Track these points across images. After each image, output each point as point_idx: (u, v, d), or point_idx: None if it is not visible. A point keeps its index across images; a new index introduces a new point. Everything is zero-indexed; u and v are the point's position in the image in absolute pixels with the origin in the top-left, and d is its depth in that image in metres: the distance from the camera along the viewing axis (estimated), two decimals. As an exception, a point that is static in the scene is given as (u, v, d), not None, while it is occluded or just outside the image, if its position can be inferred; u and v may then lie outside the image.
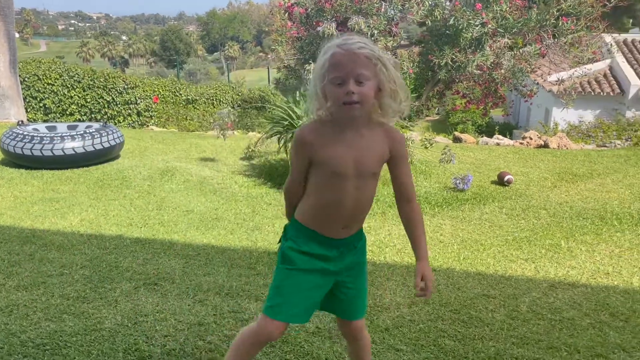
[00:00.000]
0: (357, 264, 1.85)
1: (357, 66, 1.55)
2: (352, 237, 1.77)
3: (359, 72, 1.55)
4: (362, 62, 1.56)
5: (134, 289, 3.16)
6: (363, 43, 1.59)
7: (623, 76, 14.83)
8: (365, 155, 1.65)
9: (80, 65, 13.86)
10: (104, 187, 5.45)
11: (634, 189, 5.30)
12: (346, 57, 1.56)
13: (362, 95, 1.56)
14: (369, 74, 1.56)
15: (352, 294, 1.86)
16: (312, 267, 1.75)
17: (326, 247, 1.74)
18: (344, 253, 1.77)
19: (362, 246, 1.85)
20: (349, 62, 1.55)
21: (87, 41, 78.52)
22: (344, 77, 1.55)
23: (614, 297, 3.07)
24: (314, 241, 1.74)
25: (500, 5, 8.59)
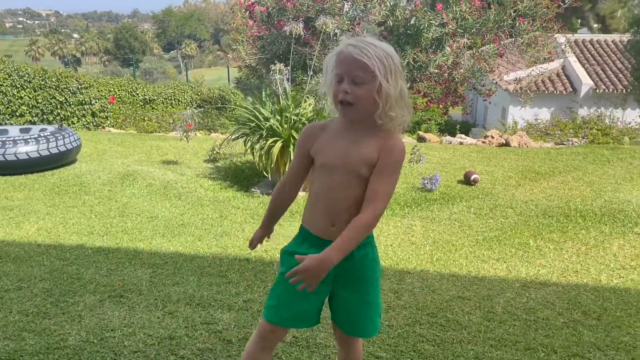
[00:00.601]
0: (357, 279, 1.75)
1: (354, 67, 1.56)
2: None
3: (355, 73, 1.57)
4: (361, 64, 1.55)
5: (99, 302, 3.01)
6: (367, 45, 1.57)
7: (575, 75, 15.36)
8: (353, 152, 1.64)
9: (31, 65, 13.27)
10: (62, 194, 5.20)
11: (594, 186, 5.45)
12: (349, 56, 1.57)
13: (355, 97, 1.57)
14: (366, 77, 1.56)
15: (349, 309, 1.79)
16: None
17: (319, 249, 1.65)
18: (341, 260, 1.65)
19: (363, 258, 1.74)
20: (350, 61, 1.57)
21: (36, 39, 75.57)
22: (342, 75, 1.58)
23: (584, 295, 3.13)
24: (307, 241, 1.75)
25: (460, 6, 8.72)
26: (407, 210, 4.81)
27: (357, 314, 1.79)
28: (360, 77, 1.56)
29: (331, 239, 1.66)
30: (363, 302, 1.78)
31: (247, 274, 3.42)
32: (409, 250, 3.84)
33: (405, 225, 4.40)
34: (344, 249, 1.58)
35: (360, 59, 1.55)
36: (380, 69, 1.55)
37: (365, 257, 1.74)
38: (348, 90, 1.57)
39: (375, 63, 1.55)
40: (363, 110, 1.60)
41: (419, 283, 3.30)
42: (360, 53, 1.55)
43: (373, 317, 1.81)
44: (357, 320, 1.81)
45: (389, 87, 1.57)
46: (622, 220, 4.39)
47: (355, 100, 1.58)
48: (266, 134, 5.12)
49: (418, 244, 3.97)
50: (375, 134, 1.65)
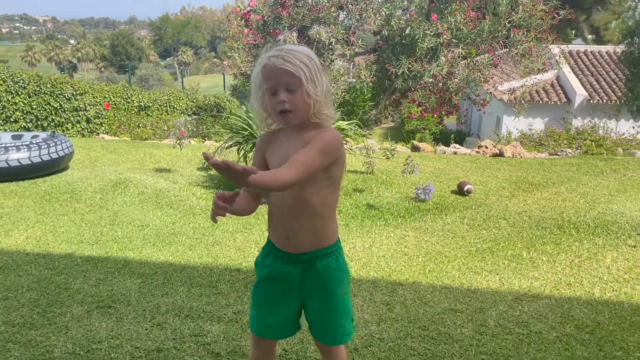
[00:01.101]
0: (323, 288, 1.76)
1: (284, 76, 1.61)
2: (311, 254, 1.72)
3: (287, 81, 1.61)
4: (288, 72, 1.60)
5: (86, 312, 2.96)
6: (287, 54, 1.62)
7: (569, 86, 15.43)
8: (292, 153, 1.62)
9: (26, 70, 13.23)
10: (52, 201, 5.15)
11: (587, 198, 5.45)
12: (274, 68, 1.61)
13: (293, 104, 1.62)
14: (297, 81, 1.61)
15: (320, 318, 1.82)
16: (272, 285, 1.79)
17: (284, 262, 1.75)
18: (305, 271, 1.74)
19: (326, 268, 1.74)
20: (277, 72, 1.61)
21: (32, 45, 75.40)
22: (275, 87, 1.62)
23: (577, 308, 3.10)
24: (272, 254, 1.78)
25: (455, 16, 8.75)
26: (400, 220, 4.79)
27: (327, 322, 1.81)
28: (293, 84, 1.61)
29: (291, 251, 1.73)
30: (331, 310, 1.80)
31: (237, 284, 3.38)
32: (401, 262, 3.81)
33: (398, 235, 4.37)
34: (262, 178, 1.46)
35: (286, 68, 1.60)
36: (305, 73, 1.61)
37: (328, 266, 1.75)
38: (285, 99, 1.62)
39: (300, 68, 1.60)
40: (301, 115, 1.65)
41: (411, 295, 3.27)
42: (284, 62, 1.60)
43: (343, 322, 1.82)
44: (327, 328, 1.82)
45: (316, 89, 1.62)
46: (616, 232, 4.38)
47: (293, 107, 1.63)
48: (259, 142, 5.09)
49: (411, 255, 3.95)
50: (313, 129, 1.68)
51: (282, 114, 1.64)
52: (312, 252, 1.72)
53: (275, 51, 1.64)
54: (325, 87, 1.66)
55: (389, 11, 8.89)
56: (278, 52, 1.63)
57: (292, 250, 1.73)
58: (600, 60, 16.97)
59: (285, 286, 1.76)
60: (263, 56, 1.66)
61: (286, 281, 1.76)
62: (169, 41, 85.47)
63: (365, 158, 6.33)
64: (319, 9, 8.98)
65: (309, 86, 1.61)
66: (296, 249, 1.72)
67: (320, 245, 1.73)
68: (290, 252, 1.73)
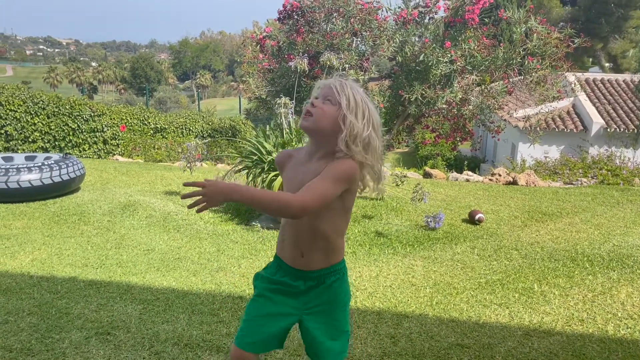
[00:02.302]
0: (328, 305, 1.81)
1: (327, 90, 1.72)
2: (321, 272, 1.78)
3: (326, 92, 1.72)
4: (332, 90, 1.71)
5: (85, 339, 2.92)
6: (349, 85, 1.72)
7: (585, 113, 15.29)
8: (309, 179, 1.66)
9: (46, 92, 13.49)
10: (60, 223, 5.16)
11: (602, 229, 5.31)
12: (327, 83, 1.74)
13: (317, 109, 1.69)
14: (334, 100, 1.69)
15: (318, 335, 1.81)
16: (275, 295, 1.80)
17: (293, 278, 1.79)
18: (312, 288, 1.79)
19: (333, 284, 1.81)
20: (325, 86, 1.73)
21: (55, 67, 77.32)
22: (317, 96, 1.73)
23: (590, 346, 2.98)
24: (281, 270, 1.82)
25: (469, 43, 8.75)
26: (408, 249, 4.70)
27: (325, 340, 1.80)
28: (329, 99, 1.70)
29: (302, 268, 1.78)
30: (332, 327, 1.81)
31: (239, 312, 3.32)
32: (408, 292, 3.72)
33: (406, 265, 4.29)
34: (248, 196, 1.54)
35: (333, 87, 1.71)
36: (346, 102, 1.68)
37: (335, 283, 1.81)
38: (315, 103, 1.71)
39: (344, 96, 1.68)
40: (319, 123, 1.69)
41: (417, 328, 3.17)
42: (336, 84, 1.71)
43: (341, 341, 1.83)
44: (325, 348, 1.80)
45: (355, 121, 1.67)
46: (631, 267, 4.24)
47: (317, 112, 1.70)
48: (267, 167, 5.08)
49: (418, 286, 3.85)
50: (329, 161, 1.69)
51: (304, 115, 1.72)
52: (322, 269, 1.79)
53: (341, 77, 1.76)
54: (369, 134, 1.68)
55: (403, 38, 8.94)
56: (342, 79, 1.75)
57: (304, 268, 1.78)
58: (617, 89, 16.82)
59: (287, 301, 1.80)
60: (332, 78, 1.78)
61: (291, 294, 1.80)
62: (188, 64, 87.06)
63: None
64: (333, 36, 9.06)
65: (349, 114, 1.66)
66: (307, 267, 1.78)
67: (329, 264, 1.80)
68: (300, 269, 1.78)
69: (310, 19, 9.57)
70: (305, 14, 9.58)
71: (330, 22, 9.40)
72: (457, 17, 8.93)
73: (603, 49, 29.99)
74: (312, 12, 9.45)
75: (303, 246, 1.76)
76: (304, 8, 9.54)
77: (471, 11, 8.54)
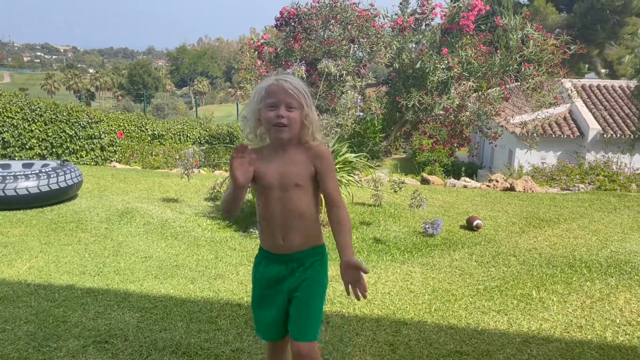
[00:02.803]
0: (308, 283, 1.99)
1: (287, 96, 1.90)
2: (301, 253, 1.99)
3: (288, 101, 1.90)
4: (291, 94, 1.90)
5: (82, 347, 2.91)
6: (293, 80, 1.93)
7: (582, 120, 15.35)
8: (288, 168, 1.94)
9: (43, 99, 13.48)
10: (58, 231, 5.15)
11: (600, 235, 5.32)
12: (280, 88, 1.91)
13: (290, 119, 1.90)
14: (296, 103, 1.91)
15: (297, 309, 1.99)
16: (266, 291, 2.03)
17: (277, 263, 2.00)
18: (294, 270, 1.99)
19: (313, 264, 2.01)
20: (282, 92, 1.90)
21: (52, 73, 77.33)
22: (277, 103, 1.90)
23: (588, 353, 2.98)
24: (265, 260, 2.03)
25: (466, 50, 8.79)
26: (407, 255, 4.70)
27: (300, 314, 1.99)
28: (292, 104, 1.90)
29: (284, 252, 1.98)
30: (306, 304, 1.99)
31: (238, 320, 3.31)
32: (406, 299, 3.72)
33: (405, 271, 4.28)
34: (351, 244, 1.93)
35: (291, 91, 1.90)
36: (306, 99, 1.93)
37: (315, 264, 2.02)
38: (283, 114, 1.89)
39: (303, 95, 1.92)
40: (294, 131, 1.93)
41: (416, 335, 3.17)
42: (290, 86, 1.90)
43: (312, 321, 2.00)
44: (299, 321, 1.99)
45: (312, 113, 1.94)
46: (629, 272, 4.25)
47: (289, 122, 1.90)
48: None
49: (417, 293, 3.85)
50: (301, 150, 1.97)
51: (277, 127, 1.90)
52: (302, 251, 1.99)
53: (282, 75, 1.94)
54: (316, 115, 1.99)
55: (400, 44, 8.97)
56: (285, 77, 1.93)
57: (285, 252, 1.98)
58: (613, 95, 16.90)
59: (277, 288, 2.01)
60: (269, 78, 1.97)
61: (278, 282, 2.00)
62: (185, 71, 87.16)
63: (373, 191, 6.28)
64: (330, 42, 9.09)
65: (309, 110, 1.93)
66: (289, 249, 1.98)
67: (309, 245, 2.01)
68: (282, 254, 1.99)
69: (307, 26, 9.60)
70: (303, 20, 9.62)
71: (327, 29, 9.44)
72: (454, 24, 8.98)
73: (599, 55, 30.14)
74: (309, 19, 9.48)
75: (284, 231, 1.96)
76: (301, 15, 9.57)
77: (466, 17, 8.58)
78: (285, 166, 1.94)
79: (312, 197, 1.98)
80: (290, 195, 1.93)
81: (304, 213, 1.96)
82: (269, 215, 1.97)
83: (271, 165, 1.95)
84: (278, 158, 1.95)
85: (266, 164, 1.95)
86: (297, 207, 1.94)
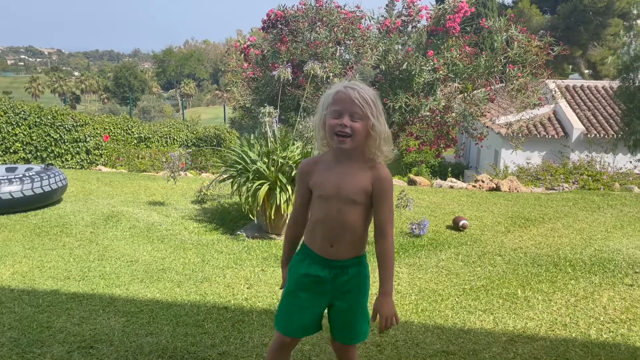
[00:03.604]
0: (351, 293, 2.02)
1: (352, 105, 1.85)
2: (344, 262, 1.99)
3: (354, 110, 1.85)
4: (357, 104, 1.84)
5: (67, 353, 2.88)
6: (361, 89, 1.87)
7: (566, 120, 15.53)
8: (346, 182, 1.91)
9: (27, 102, 13.34)
10: (42, 235, 5.09)
11: (584, 234, 5.38)
12: (346, 96, 1.85)
13: (353, 129, 1.85)
14: (362, 114, 1.85)
15: (345, 319, 2.06)
16: (305, 287, 2.02)
17: (320, 266, 1.99)
18: (337, 275, 1.99)
19: (357, 274, 2.02)
20: (348, 101, 1.85)
21: (37, 76, 76.45)
22: (341, 111, 1.85)
23: (573, 350, 3.01)
24: (309, 258, 2.01)
25: (451, 52, 8.85)
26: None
27: (349, 323, 2.07)
28: (357, 114, 1.85)
29: (329, 257, 1.99)
30: (354, 312, 2.05)
31: (225, 323, 3.30)
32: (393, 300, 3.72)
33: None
34: (391, 278, 1.99)
35: (357, 100, 1.84)
36: (372, 109, 1.86)
37: (358, 273, 2.03)
38: (347, 123, 1.85)
39: (369, 105, 1.85)
40: (357, 142, 1.88)
41: (403, 336, 3.18)
42: (357, 95, 1.84)
43: (363, 323, 2.10)
44: (348, 329, 2.08)
45: (380, 125, 1.87)
46: (612, 271, 4.30)
47: (353, 132, 1.85)
48: (252, 176, 5.07)
49: (403, 293, 3.87)
50: (363, 166, 1.93)
51: (340, 137, 1.86)
52: (347, 260, 1.99)
53: (351, 83, 1.88)
54: (385, 127, 1.90)
55: (386, 46, 9.01)
56: (354, 84, 1.87)
57: (330, 257, 1.98)
58: (596, 95, 17.12)
59: (317, 289, 2.01)
60: (338, 84, 1.91)
61: (318, 284, 2.00)
62: (172, 73, 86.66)
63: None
64: (316, 45, 9.11)
65: (375, 121, 1.86)
66: (335, 256, 1.98)
67: (352, 255, 2.00)
68: (327, 258, 1.98)
69: (294, 28, 9.61)
70: (289, 23, 9.62)
71: (314, 32, 9.46)
72: (439, 26, 9.03)
73: (582, 56, 30.53)
74: (295, 21, 9.50)
75: (333, 239, 1.97)
76: (288, 17, 9.58)
77: (452, 19, 8.64)
78: (344, 178, 1.92)
79: (365, 214, 1.97)
80: (344, 208, 1.93)
81: (356, 228, 1.96)
82: (320, 222, 1.98)
83: (331, 174, 1.94)
84: (338, 168, 1.94)
85: (326, 172, 1.95)
86: (349, 220, 1.94)
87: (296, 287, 2.04)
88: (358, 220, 1.95)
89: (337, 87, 1.89)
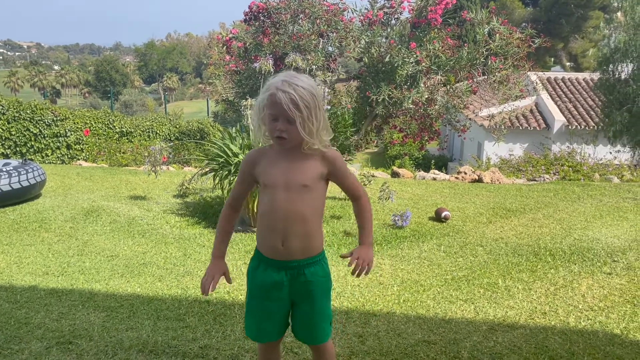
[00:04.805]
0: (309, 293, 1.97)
1: (285, 111, 1.81)
2: (298, 262, 1.92)
3: (287, 115, 1.82)
4: (291, 109, 1.81)
5: (45, 349, 2.84)
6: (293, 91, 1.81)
7: (548, 112, 15.68)
8: (295, 169, 1.90)
9: (6, 96, 13.08)
10: (20, 231, 5.01)
11: (564, 224, 5.45)
12: (280, 102, 1.80)
13: (289, 133, 1.85)
14: (295, 117, 1.82)
15: (306, 321, 2.02)
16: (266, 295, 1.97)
17: (274, 269, 1.94)
18: (294, 277, 1.94)
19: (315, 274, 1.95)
20: (280, 106, 1.81)
21: (16, 71, 74.96)
22: (277, 115, 1.83)
23: (552, 338, 3.05)
24: (263, 263, 1.96)
25: (434, 44, 8.86)
26: (376, 248, 4.73)
27: (310, 325, 2.03)
28: (292, 118, 1.83)
29: (282, 259, 1.92)
30: (315, 314, 2.01)
31: (206, 317, 3.28)
32: (375, 291, 3.74)
33: (374, 264, 4.30)
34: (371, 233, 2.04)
35: (288, 106, 1.80)
36: (304, 114, 1.82)
37: (316, 274, 1.97)
38: (283, 128, 1.84)
39: (300, 108, 1.81)
40: (296, 140, 1.88)
41: (385, 326, 3.19)
42: (289, 100, 1.80)
43: (324, 325, 2.05)
44: (310, 331, 2.05)
45: (312, 125, 1.85)
46: (591, 260, 4.36)
47: (289, 135, 1.86)
48: (234, 169, 5.04)
49: (386, 284, 3.88)
50: (308, 154, 1.93)
51: (279, 139, 1.87)
52: (301, 260, 1.93)
53: (284, 84, 1.81)
54: (323, 121, 1.88)
55: (369, 39, 8.99)
56: (287, 87, 1.80)
57: (283, 258, 1.92)
58: (577, 87, 17.30)
59: (277, 295, 1.96)
60: (272, 83, 1.85)
61: (277, 290, 1.95)
62: (154, 67, 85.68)
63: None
64: (299, 37, 9.06)
65: (308, 123, 1.83)
66: (288, 256, 1.91)
67: (309, 254, 1.94)
68: (280, 260, 1.92)
69: (276, 20, 9.54)
70: (272, 15, 9.55)
71: (296, 24, 9.40)
72: (422, 18, 9.04)
73: (564, 48, 30.84)
74: (278, 13, 9.42)
75: (284, 234, 1.90)
76: (270, 9, 9.51)
77: (434, 11, 8.65)
78: (293, 165, 1.91)
79: (317, 200, 1.94)
80: (295, 195, 1.89)
81: (307, 217, 1.91)
82: (270, 216, 1.92)
83: (278, 164, 1.92)
84: (285, 157, 1.92)
85: (273, 162, 1.93)
86: (300, 208, 1.90)
87: (259, 294, 1.99)
88: (308, 209, 1.91)
89: (270, 89, 1.83)
